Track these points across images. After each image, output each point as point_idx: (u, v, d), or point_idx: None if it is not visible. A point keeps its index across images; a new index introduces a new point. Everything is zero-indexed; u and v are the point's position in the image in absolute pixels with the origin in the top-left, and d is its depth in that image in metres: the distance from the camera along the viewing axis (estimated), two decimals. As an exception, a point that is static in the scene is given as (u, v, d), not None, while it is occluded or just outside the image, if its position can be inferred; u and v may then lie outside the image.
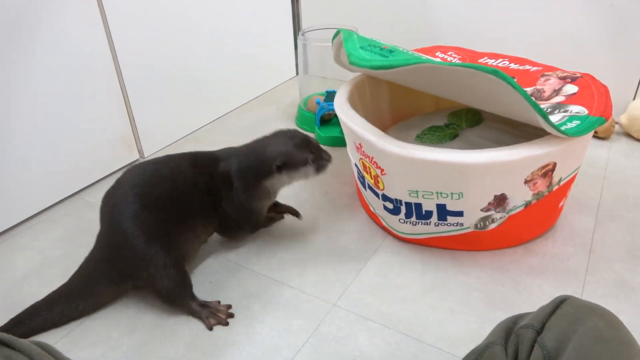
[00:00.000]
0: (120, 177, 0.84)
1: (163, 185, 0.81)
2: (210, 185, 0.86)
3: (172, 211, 0.80)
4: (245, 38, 1.53)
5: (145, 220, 0.77)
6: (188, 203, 0.82)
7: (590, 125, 0.79)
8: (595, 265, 0.88)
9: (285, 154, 0.86)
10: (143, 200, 0.78)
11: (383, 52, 0.87)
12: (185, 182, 0.83)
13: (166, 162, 0.86)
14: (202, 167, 0.87)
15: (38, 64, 1.01)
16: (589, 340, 0.50)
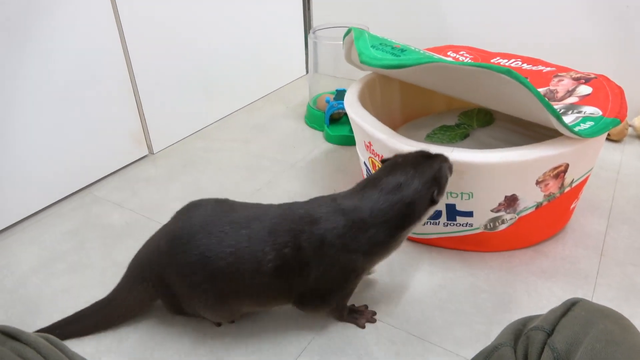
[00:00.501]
0: (195, 209, 0.75)
1: (220, 260, 0.67)
2: (292, 259, 0.68)
3: (227, 285, 0.69)
4: (255, 36, 1.53)
5: (200, 280, 0.69)
6: (251, 282, 0.68)
7: (605, 127, 0.78)
8: (607, 268, 0.87)
9: (436, 177, 0.70)
10: (200, 263, 0.68)
11: (395, 51, 0.86)
12: (252, 257, 0.67)
13: (239, 223, 0.69)
14: (284, 235, 0.68)
15: (49, 59, 1.01)
16: (601, 344, 0.49)
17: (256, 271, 0.67)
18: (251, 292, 0.70)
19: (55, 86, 1.04)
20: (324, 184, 1.15)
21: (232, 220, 0.70)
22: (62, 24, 1.02)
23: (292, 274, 0.68)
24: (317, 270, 0.68)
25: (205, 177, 1.20)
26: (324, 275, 0.69)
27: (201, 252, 0.68)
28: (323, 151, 1.30)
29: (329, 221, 0.68)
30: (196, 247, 0.68)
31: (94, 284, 0.88)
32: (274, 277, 0.68)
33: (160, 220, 1.04)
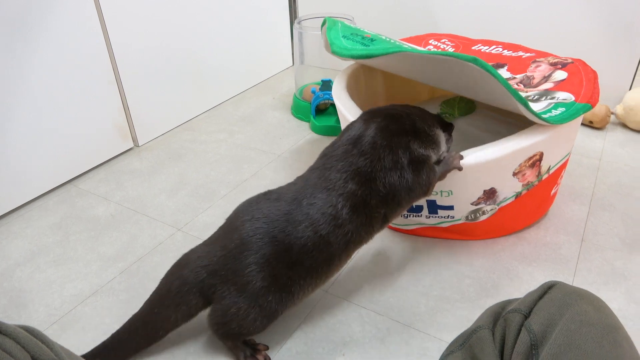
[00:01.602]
0: (250, 207, 0.71)
1: (302, 235, 0.65)
2: (359, 185, 0.68)
3: (315, 259, 0.67)
4: (241, 27, 1.52)
5: (272, 271, 0.66)
6: (336, 240, 0.67)
7: (576, 112, 0.79)
8: (587, 254, 0.88)
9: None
10: (276, 250, 0.65)
11: (364, 41, 0.86)
12: (325, 218, 0.66)
13: (296, 199, 0.68)
14: (339, 176, 0.68)
15: (31, 53, 1.00)
16: (575, 324, 0.50)
17: (337, 226, 0.66)
18: (340, 251, 0.68)
19: (36, 80, 1.03)
20: (310, 174, 1.15)
21: (287, 200, 0.68)
22: (43, 18, 1.00)
23: (366, 199, 0.67)
24: (384, 174, 0.68)
25: (191, 169, 1.19)
26: (400, 172, 0.69)
27: (280, 240, 0.65)
28: (309, 141, 1.30)
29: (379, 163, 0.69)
30: (272, 237, 0.65)
31: (79, 277, 0.88)
32: (354, 217, 0.67)
33: (145, 212, 1.04)
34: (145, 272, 0.88)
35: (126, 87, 1.22)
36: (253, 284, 0.65)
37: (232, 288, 0.66)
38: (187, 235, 0.97)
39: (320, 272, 0.68)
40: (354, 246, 0.70)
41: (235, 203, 1.05)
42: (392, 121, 0.72)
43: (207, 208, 1.05)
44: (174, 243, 0.95)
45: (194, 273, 0.68)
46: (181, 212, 1.04)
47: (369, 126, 0.71)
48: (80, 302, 0.82)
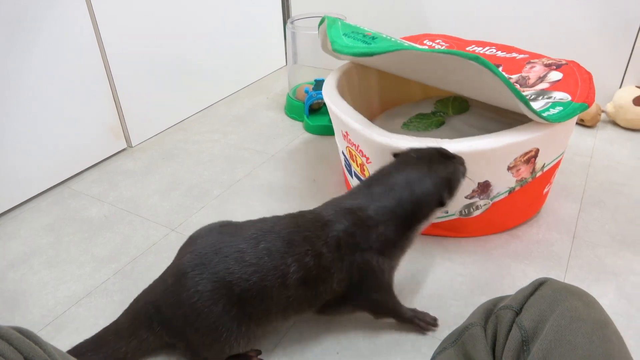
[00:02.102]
0: (199, 239, 0.68)
1: (244, 281, 0.63)
2: (315, 267, 0.65)
3: (255, 307, 0.65)
4: (234, 27, 1.52)
5: (222, 310, 0.64)
6: (278, 297, 0.65)
7: (573, 112, 0.80)
8: (579, 251, 0.89)
9: (449, 178, 0.70)
10: (222, 290, 0.63)
11: (366, 39, 0.87)
12: (275, 272, 0.64)
13: (255, 238, 0.66)
14: (302, 244, 0.65)
15: (23, 55, 1.00)
16: (566, 320, 0.51)
17: (282, 285, 0.64)
18: (278, 309, 0.66)
19: (29, 81, 1.02)
20: (304, 174, 1.15)
21: (245, 237, 0.65)
22: (36, 18, 1.00)
23: (317, 281, 0.66)
24: (339, 275, 0.66)
25: (184, 170, 1.19)
26: (351, 281, 0.67)
27: (221, 277, 0.62)
28: (303, 141, 1.31)
29: (339, 222, 0.66)
30: (214, 273, 0.62)
31: (72, 278, 0.87)
32: (300, 289, 0.65)
33: (139, 213, 1.04)
34: (139, 273, 0.88)
35: (119, 88, 1.21)
36: (196, 318, 0.63)
37: (177, 323, 0.65)
38: (181, 235, 0.97)
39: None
40: (293, 313, 0.68)
41: (230, 203, 1.06)
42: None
43: (201, 208, 1.05)
44: (168, 244, 0.95)
45: (144, 309, 0.69)
46: (175, 213, 1.04)
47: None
48: (74, 304, 0.82)
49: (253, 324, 0.66)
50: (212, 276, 0.63)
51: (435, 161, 0.70)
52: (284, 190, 1.09)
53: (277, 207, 1.04)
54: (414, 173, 0.69)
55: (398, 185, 0.68)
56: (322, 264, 0.65)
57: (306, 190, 1.09)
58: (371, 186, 0.70)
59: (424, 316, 0.75)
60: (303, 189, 1.10)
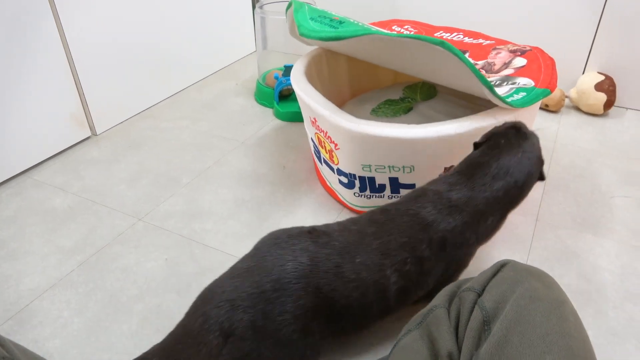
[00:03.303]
0: (286, 246, 0.63)
1: (346, 298, 0.60)
2: (415, 273, 0.64)
3: (352, 321, 0.63)
4: (202, 11, 1.48)
5: (312, 328, 0.60)
6: (377, 310, 0.64)
7: (536, 97, 0.81)
8: (541, 233, 0.92)
9: (538, 155, 0.71)
10: (323, 306, 0.60)
11: (333, 23, 0.86)
12: (376, 287, 0.62)
13: (348, 252, 0.62)
14: (400, 252, 0.63)
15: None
16: (525, 300, 0.53)
17: (383, 298, 0.62)
18: (374, 319, 0.65)
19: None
20: (274, 161, 1.15)
21: (338, 249, 0.61)
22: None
23: (416, 287, 0.65)
24: (437, 273, 0.65)
25: (152, 158, 1.17)
26: (444, 274, 0.66)
27: (325, 293, 0.59)
28: (273, 128, 1.30)
29: (445, 221, 0.64)
30: (317, 288, 0.59)
31: (36, 271, 0.85)
32: (400, 297, 0.64)
33: (105, 203, 1.02)
34: (105, 264, 0.87)
35: (81, 75, 1.17)
36: (280, 333, 0.58)
37: (256, 332, 0.58)
38: (149, 225, 0.95)
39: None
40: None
41: (199, 191, 1.05)
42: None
43: (169, 197, 1.03)
44: (135, 233, 0.93)
45: (217, 309, 0.59)
46: (142, 202, 1.02)
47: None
48: (37, 297, 0.80)
49: (343, 336, 0.65)
50: (316, 291, 0.59)
51: (522, 140, 0.70)
52: (254, 178, 1.09)
53: (247, 195, 1.03)
54: (511, 158, 0.68)
55: (501, 173, 0.67)
56: (423, 269, 0.64)
57: (276, 177, 1.09)
58: (472, 177, 0.68)
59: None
60: (273, 175, 1.09)
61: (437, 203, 0.66)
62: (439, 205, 0.65)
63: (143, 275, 0.84)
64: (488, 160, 0.68)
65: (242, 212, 0.98)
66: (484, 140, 0.73)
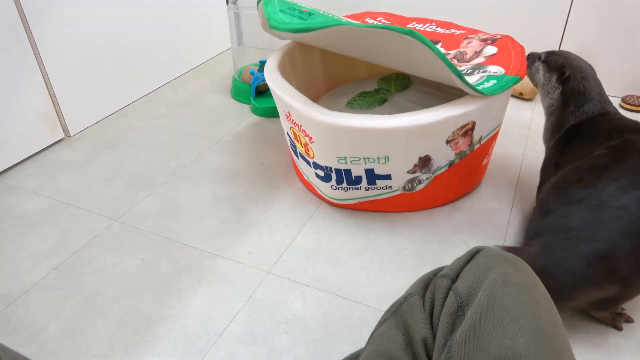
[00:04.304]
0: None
1: None
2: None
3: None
4: (176, 8, 1.47)
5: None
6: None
7: (506, 84, 0.82)
8: (516, 219, 0.93)
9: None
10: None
11: (302, 15, 0.86)
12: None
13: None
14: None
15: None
16: (498, 285, 0.53)
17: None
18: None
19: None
20: (251, 157, 1.14)
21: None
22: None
23: None
24: None
25: (128, 158, 1.15)
26: None
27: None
28: (250, 124, 1.29)
29: None
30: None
31: (8, 277, 0.83)
32: None
33: (79, 205, 1.00)
34: (81, 266, 0.85)
35: (52, 75, 1.15)
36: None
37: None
38: (125, 225, 0.94)
39: None
40: None
41: (176, 190, 1.04)
42: None
43: (146, 196, 1.02)
44: (111, 235, 0.92)
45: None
46: (118, 202, 1.01)
47: None
48: (10, 303, 0.79)
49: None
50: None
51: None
52: (231, 175, 1.08)
53: (224, 192, 1.03)
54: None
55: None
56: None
57: (254, 173, 1.08)
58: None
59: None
60: (251, 172, 1.09)
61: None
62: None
63: (119, 276, 0.83)
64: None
65: (220, 209, 0.98)
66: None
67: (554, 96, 0.84)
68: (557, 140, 0.84)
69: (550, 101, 0.85)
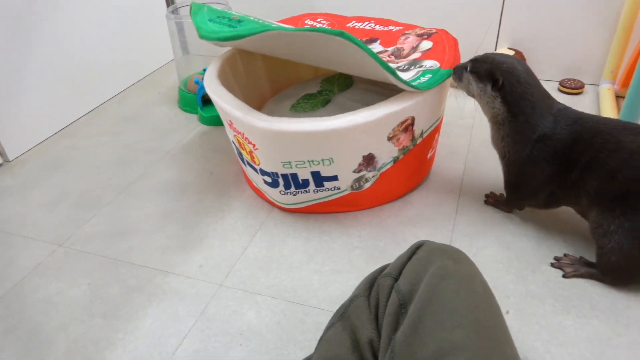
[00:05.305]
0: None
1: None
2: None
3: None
4: (116, 21, 1.43)
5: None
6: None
7: (441, 78, 0.84)
8: (464, 207, 0.95)
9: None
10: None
11: (231, 23, 0.85)
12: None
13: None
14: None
15: None
16: (436, 279, 0.54)
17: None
18: None
19: None
20: (201, 167, 1.12)
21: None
22: None
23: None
24: None
25: (71, 179, 1.12)
26: None
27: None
28: (198, 134, 1.27)
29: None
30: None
31: (-54, 315, 0.79)
32: None
33: (21, 232, 0.96)
34: (24, 297, 0.82)
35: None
36: None
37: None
38: (70, 250, 0.91)
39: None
40: None
41: (123, 208, 1.01)
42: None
43: (92, 217, 0.99)
44: (55, 261, 0.89)
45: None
46: (63, 226, 0.97)
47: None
48: (-51, 342, 0.75)
49: None
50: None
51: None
52: (181, 187, 1.06)
53: (174, 206, 1.01)
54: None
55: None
56: None
57: (203, 184, 1.07)
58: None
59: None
60: (200, 183, 1.07)
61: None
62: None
63: (65, 304, 0.80)
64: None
65: (169, 224, 0.96)
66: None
67: (495, 105, 0.80)
68: (530, 155, 0.80)
69: (494, 111, 0.81)
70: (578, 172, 0.76)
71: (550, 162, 0.78)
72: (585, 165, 0.75)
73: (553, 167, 0.78)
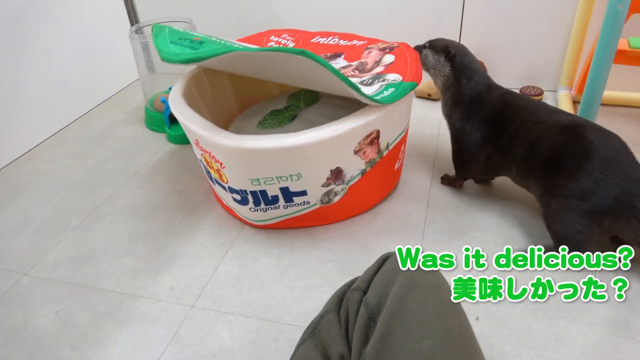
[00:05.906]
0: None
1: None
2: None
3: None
4: (78, 42, 1.41)
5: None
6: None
7: (403, 91, 0.86)
8: (432, 217, 0.97)
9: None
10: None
11: (193, 45, 0.85)
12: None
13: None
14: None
15: None
16: (404, 289, 0.55)
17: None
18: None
19: None
20: (169, 187, 1.11)
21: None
22: None
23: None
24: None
25: (35, 204, 1.09)
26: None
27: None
28: (166, 153, 1.26)
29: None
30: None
31: None
32: None
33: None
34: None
35: (-62, 126, 1.07)
36: None
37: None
38: (35, 278, 0.89)
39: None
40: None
41: (90, 232, 0.99)
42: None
43: (57, 244, 0.97)
44: (20, 290, 0.86)
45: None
46: (26, 254, 0.94)
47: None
48: None
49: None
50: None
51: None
52: (149, 208, 1.05)
53: (142, 228, 0.99)
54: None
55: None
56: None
57: (172, 204, 1.06)
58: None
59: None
60: (169, 203, 1.06)
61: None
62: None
63: (32, 334, 0.78)
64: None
65: (138, 246, 0.94)
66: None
67: (445, 72, 0.95)
68: (468, 114, 0.93)
69: (444, 77, 0.96)
70: (506, 140, 0.88)
71: (484, 123, 0.91)
72: (512, 134, 0.87)
73: (487, 128, 0.91)
